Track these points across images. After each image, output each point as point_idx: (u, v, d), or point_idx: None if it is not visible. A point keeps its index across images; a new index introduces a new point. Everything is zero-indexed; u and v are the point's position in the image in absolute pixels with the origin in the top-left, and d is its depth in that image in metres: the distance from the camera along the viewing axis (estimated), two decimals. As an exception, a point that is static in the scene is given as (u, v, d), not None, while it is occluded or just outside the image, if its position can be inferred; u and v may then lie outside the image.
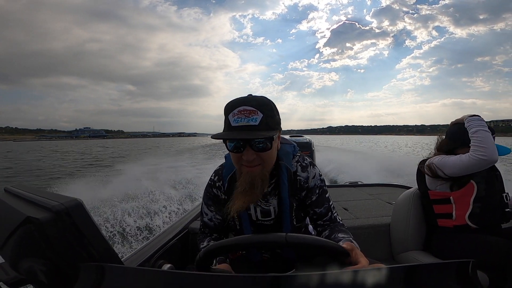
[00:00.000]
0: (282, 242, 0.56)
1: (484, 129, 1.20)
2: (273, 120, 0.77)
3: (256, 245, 0.73)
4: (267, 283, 0.40)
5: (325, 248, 0.59)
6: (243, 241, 0.62)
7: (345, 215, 1.87)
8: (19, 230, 0.46)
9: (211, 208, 0.95)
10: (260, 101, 0.75)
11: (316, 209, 0.90)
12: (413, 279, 0.44)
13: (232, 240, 0.62)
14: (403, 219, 1.52)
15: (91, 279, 0.45)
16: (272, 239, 0.59)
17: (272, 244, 0.64)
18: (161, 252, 1.17)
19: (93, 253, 0.46)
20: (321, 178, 0.92)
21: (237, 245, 0.62)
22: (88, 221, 0.46)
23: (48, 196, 0.48)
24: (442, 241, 1.36)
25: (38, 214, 0.44)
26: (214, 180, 0.95)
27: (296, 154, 0.93)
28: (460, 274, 0.45)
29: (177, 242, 1.34)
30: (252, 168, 0.78)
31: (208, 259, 0.64)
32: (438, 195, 1.36)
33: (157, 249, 1.17)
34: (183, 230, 1.46)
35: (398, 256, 1.54)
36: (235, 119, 0.74)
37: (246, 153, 0.76)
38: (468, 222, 1.26)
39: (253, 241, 0.61)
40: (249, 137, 0.73)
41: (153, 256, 1.11)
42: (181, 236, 1.40)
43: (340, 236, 0.81)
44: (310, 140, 4.41)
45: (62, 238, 0.44)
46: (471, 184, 1.27)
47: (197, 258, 0.64)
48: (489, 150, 1.16)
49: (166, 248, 1.23)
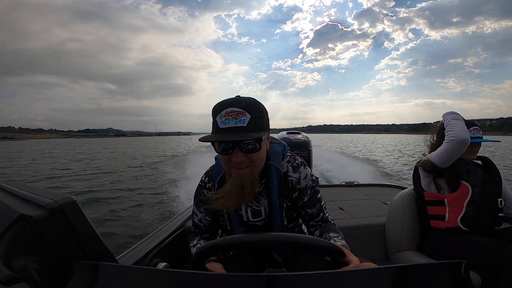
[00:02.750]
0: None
1: (454, 118, 1.31)
2: (262, 121, 0.76)
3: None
4: (263, 282, 0.40)
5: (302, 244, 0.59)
6: (257, 239, 0.60)
7: (341, 215, 1.89)
8: (13, 227, 0.46)
9: (201, 209, 0.95)
10: (248, 102, 0.74)
11: (308, 209, 0.90)
12: (406, 279, 0.44)
13: (236, 237, 0.61)
14: (398, 219, 1.53)
15: (85, 278, 0.45)
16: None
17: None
18: (156, 251, 1.16)
19: (87, 251, 0.46)
20: (312, 178, 0.92)
21: (249, 243, 0.60)
22: (82, 218, 0.45)
23: (41, 193, 0.47)
24: (435, 241, 1.37)
25: (31, 211, 0.43)
26: (204, 181, 0.94)
27: (287, 154, 0.92)
28: (453, 274, 0.46)
29: (173, 241, 1.34)
30: (241, 170, 0.77)
31: (204, 258, 0.64)
32: (432, 197, 1.38)
33: (152, 247, 1.16)
34: (179, 229, 1.46)
35: (392, 256, 1.56)
36: (223, 120, 0.73)
37: (235, 155, 0.75)
38: (460, 224, 1.28)
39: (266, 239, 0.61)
40: (237, 138, 0.72)
41: (148, 255, 1.10)
42: (177, 234, 1.40)
43: (331, 235, 0.81)
44: (307, 139, 4.07)
45: (56, 235, 0.44)
46: (466, 188, 1.30)
47: (193, 256, 0.64)
48: (457, 132, 1.25)
49: (162, 246, 1.22)
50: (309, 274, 0.40)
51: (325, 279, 0.40)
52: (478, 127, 1.41)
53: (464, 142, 1.24)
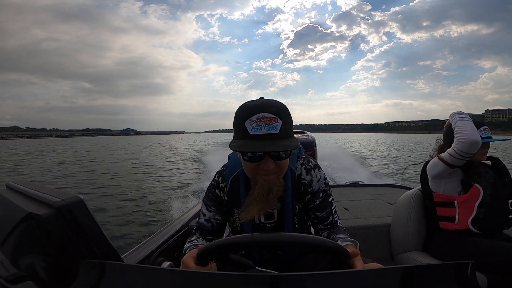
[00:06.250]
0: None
1: (463, 118, 1.27)
2: (291, 127, 0.74)
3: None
4: (267, 282, 0.40)
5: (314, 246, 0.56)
6: (274, 238, 0.57)
7: (346, 215, 1.87)
8: (20, 226, 0.46)
9: (211, 209, 0.93)
10: (278, 107, 0.72)
11: (318, 213, 0.89)
12: (412, 280, 0.43)
13: (246, 236, 0.57)
14: (403, 219, 1.51)
15: (91, 276, 0.45)
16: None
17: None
18: (161, 250, 1.17)
19: (93, 250, 0.46)
20: (325, 181, 0.90)
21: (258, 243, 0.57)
22: (88, 217, 0.46)
23: (49, 192, 0.47)
24: (442, 242, 1.36)
25: (39, 210, 0.43)
26: (217, 181, 0.92)
27: (301, 156, 0.91)
28: (459, 275, 0.45)
29: (177, 240, 1.34)
30: (269, 177, 0.75)
31: (209, 258, 0.64)
32: (442, 198, 1.36)
33: (157, 246, 1.17)
34: (184, 228, 1.46)
35: (397, 257, 1.54)
36: (254, 126, 0.70)
37: (265, 163, 0.72)
38: (470, 226, 1.26)
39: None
40: (274, 149, 0.69)
41: (153, 253, 1.11)
42: (181, 233, 1.40)
43: (338, 236, 0.80)
44: (313, 138, 3.90)
45: (63, 234, 0.44)
46: (477, 189, 1.27)
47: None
48: (468, 133, 1.21)
49: (166, 245, 1.23)
50: (315, 274, 0.40)
51: (331, 280, 0.40)
52: (487, 126, 1.38)
53: (475, 143, 1.20)
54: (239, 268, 0.58)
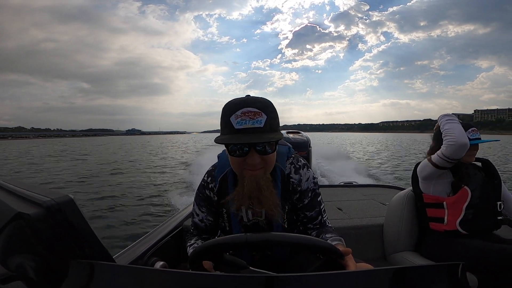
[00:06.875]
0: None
1: (451, 121, 1.29)
2: (276, 122, 0.75)
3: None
4: (262, 283, 0.40)
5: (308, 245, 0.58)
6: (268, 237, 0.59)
7: (339, 215, 1.89)
8: (10, 225, 0.45)
9: (202, 209, 0.93)
10: (263, 102, 0.73)
11: (307, 212, 0.89)
12: (403, 281, 0.44)
13: (233, 237, 0.59)
14: (396, 220, 1.53)
15: (81, 277, 0.45)
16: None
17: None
18: (154, 249, 1.16)
19: (83, 250, 0.45)
20: (314, 181, 0.90)
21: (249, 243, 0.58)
22: (79, 217, 0.45)
23: (39, 192, 0.47)
24: (432, 243, 1.38)
25: (29, 209, 0.43)
26: (207, 181, 0.92)
27: (291, 155, 0.92)
28: (450, 276, 0.46)
29: (170, 240, 1.33)
30: (255, 172, 0.75)
31: (202, 258, 0.64)
32: (431, 199, 1.38)
33: (150, 246, 1.16)
34: (177, 228, 1.45)
35: (390, 257, 1.56)
36: (239, 121, 0.71)
37: (251, 157, 0.73)
38: (459, 228, 1.28)
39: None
40: (259, 140, 0.70)
41: (146, 253, 1.10)
42: (175, 233, 1.39)
43: (327, 236, 0.81)
44: (307, 139, 3.89)
45: (53, 234, 0.43)
46: (465, 191, 1.29)
47: (190, 257, 0.63)
48: (456, 136, 1.22)
49: (160, 245, 1.22)
50: (307, 276, 0.40)
51: (322, 281, 0.40)
52: (475, 128, 1.39)
53: (463, 146, 1.22)
54: (232, 268, 0.58)
